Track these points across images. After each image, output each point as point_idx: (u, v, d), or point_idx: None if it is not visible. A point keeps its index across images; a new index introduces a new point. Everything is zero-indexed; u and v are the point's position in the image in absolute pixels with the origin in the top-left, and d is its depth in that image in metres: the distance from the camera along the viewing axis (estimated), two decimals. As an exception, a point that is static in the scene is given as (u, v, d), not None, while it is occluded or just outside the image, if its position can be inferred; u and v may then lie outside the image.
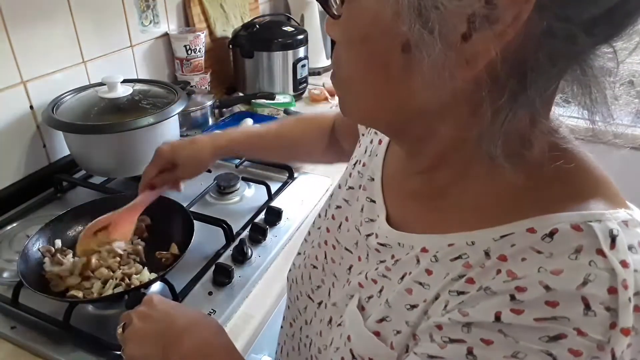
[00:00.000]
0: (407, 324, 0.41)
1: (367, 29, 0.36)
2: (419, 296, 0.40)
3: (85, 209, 0.88)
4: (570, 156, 0.38)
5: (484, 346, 0.34)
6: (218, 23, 1.54)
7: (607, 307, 0.31)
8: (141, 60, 1.30)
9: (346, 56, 0.40)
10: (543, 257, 0.34)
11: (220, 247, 0.89)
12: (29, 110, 1.03)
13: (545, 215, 0.35)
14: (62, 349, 0.69)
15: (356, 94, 0.42)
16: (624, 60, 0.33)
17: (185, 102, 1.06)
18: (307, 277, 0.58)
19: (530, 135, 0.35)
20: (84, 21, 1.10)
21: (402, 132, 0.43)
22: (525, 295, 0.33)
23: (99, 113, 0.99)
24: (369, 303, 0.46)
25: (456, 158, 0.40)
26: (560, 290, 0.32)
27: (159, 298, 0.58)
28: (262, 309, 0.80)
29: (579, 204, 0.35)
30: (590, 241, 0.33)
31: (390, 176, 0.51)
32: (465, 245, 0.38)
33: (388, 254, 0.46)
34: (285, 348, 0.63)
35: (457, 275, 0.38)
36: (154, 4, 1.30)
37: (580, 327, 0.31)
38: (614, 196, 0.37)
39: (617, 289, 0.31)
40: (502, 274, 0.35)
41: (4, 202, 1.00)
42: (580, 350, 0.31)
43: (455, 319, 0.36)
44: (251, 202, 1.04)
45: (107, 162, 1.03)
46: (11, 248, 0.89)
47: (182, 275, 0.81)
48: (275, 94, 1.45)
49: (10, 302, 0.75)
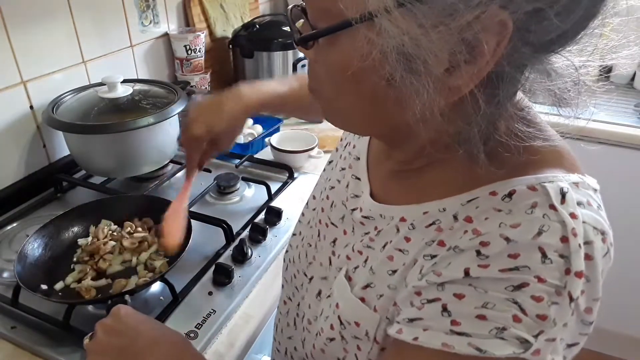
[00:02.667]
0: (389, 288, 0.44)
1: (351, 69, 0.37)
2: (398, 262, 0.44)
3: (84, 208, 0.88)
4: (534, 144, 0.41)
5: (456, 300, 0.37)
6: (218, 23, 1.54)
7: (561, 254, 0.34)
8: (141, 60, 1.30)
9: (329, 85, 0.42)
10: (503, 214, 0.37)
11: (220, 247, 0.89)
12: (29, 110, 1.03)
13: (505, 180, 0.39)
14: (62, 349, 0.70)
15: (338, 112, 0.44)
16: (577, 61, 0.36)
17: (185, 102, 1.06)
18: (304, 255, 0.60)
19: (499, 129, 0.39)
20: (84, 21, 1.10)
21: (385, 137, 0.48)
22: (489, 249, 0.36)
23: (99, 113, 0.99)
24: (355, 273, 0.49)
25: (433, 150, 0.43)
26: (520, 241, 0.35)
27: (127, 311, 0.57)
28: (262, 309, 0.80)
29: (537, 171, 0.39)
30: (543, 198, 0.37)
31: (374, 156, 0.54)
32: (437, 212, 0.42)
33: (372, 225, 0.49)
34: (280, 325, 0.64)
35: (430, 240, 0.42)
36: (154, 4, 1.30)
37: (539, 275, 0.34)
38: (570, 165, 0.41)
39: (568, 237, 0.35)
40: (468, 233, 0.38)
41: (4, 202, 1.00)
42: (542, 296, 0.34)
43: (432, 280, 0.39)
44: (251, 202, 1.04)
45: (107, 162, 1.03)
46: (11, 248, 0.89)
47: (182, 275, 0.81)
48: (275, 94, 1.45)
49: (10, 302, 0.75)
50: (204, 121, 0.71)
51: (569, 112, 0.39)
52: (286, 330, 0.62)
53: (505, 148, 0.39)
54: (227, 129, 0.73)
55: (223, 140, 0.75)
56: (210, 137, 0.72)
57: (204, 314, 0.75)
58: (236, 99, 0.73)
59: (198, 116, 0.72)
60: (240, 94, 0.74)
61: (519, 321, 0.34)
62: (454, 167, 0.43)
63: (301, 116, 0.99)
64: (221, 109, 0.72)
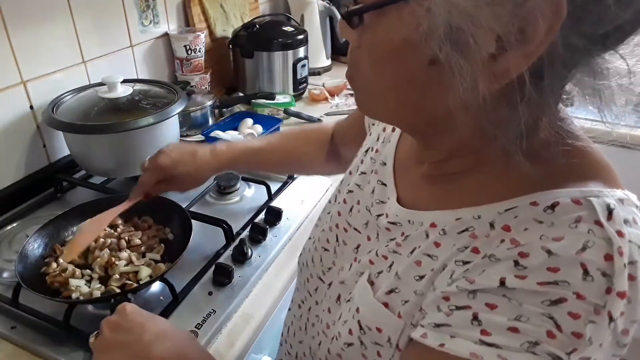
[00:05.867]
0: (415, 293, 0.42)
1: (396, 49, 0.37)
2: (427, 267, 0.42)
3: (84, 208, 0.88)
4: (575, 144, 0.40)
5: (488, 310, 0.35)
6: (218, 23, 1.54)
7: (604, 272, 0.33)
8: (141, 60, 1.30)
9: (370, 68, 0.41)
10: (545, 226, 0.36)
11: (220, 247, 0.89)
12: (29, 110, 1.03)
13: (547, 191, 0.37)
14: (62, 349, 0.69)
15: (378, 98, 0.43)
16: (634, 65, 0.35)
17: (185, 102, 1.06)
18: (318, 259, 0.60)
19: (540, 126, 0.37)
20: (84, 21, 1.10)
21: (421, 131, 0.45)
22: (528, 260, 0.35)
23: (99, 113, 0.99)
24: (379, 278, 0.48)
25: (469, 150, 0.42)
26: (562, 256, 0.33)
27: (132, 308, 0.57)
28: (262, 309, 0.80)
29: (579, 183, 0.37)
30: (589, 213, 0.35)
31: (402, 161, 0.53)
32: (472, 219, 0.40)
33: (398, 231, 0.48)
34: (292, 328, 0.64)
35: (463, 246, 0.40)
36: (154, 4, 1.30)
37: (579, 291, 0.33)
38: (613, 180, 0.39)
39: (612, 256, 0.33)
40: (505, 242, 0.37)
41: (4, 202, 1.00)
42: (579, 313, 0.33)
43: (462, 287, 0.37)
44: (251, 202, 1.04)
45: (107, 162, 1.03)
46: (11, 248, 0.89)
47: (182, 275, 0.81)
48: (275, 94, 1.45)
49: (10, 302, 0.75)
50: (174, 157, 0.76)
51: (612, 117, 0.37)
52: (298, 333, 0.62)
53: (545, 147, 0.38)
54: (190, 174, 0.77)
55: (181, 182, 0.78)
56: (171, 173, 0.76)
57: (204, 314, 0.75)
58: (210, 154, 0.78)
59: (170, 151, 0.77)
60: (215, 150, 0.79)
61: (553, 337, 0.33)
62: (490, 175, 0.42)
63: (276, 171, 1.03)
64: (194, 156, 0.77)
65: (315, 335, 0.56)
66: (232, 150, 0.80)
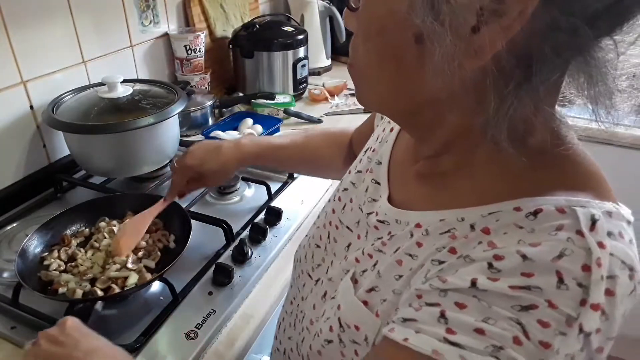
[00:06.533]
0: (393, 292, 0.43)
1: (383, 21, 0.38)
2: (406, 266, 0.43)
3: (84, 208, 0.88)
4: (569, 147, 0.39)
5: (457, 310, 0.35)
6: (218, 23, 1.54)
7: (580, 283, 0.32)
8: (141, 60, 1.30)
9: (362, 47, 0.42)
10: (524, 231, 0.35)
11: (220, 247, 0.89)
12: (29, 110, 1.03)
13: (533, 197, 0.37)
14: (62, 349, 0.69)
15: (371, 83, 0.44)
16: (624, 52, 0.34)
17: (185, 102, 1.06)
18: (310, 256, 0.60)
19: (533, 121, 0.37)
20: (84, 21, 1.10)
21: (413, 120, 0.45)
22: (502, 263, 0.34)
23: (99, 113, 0.99)
24: (363, 276, 0.48)
25: (461, 145, 0.43)
26: (537, 261, 0.33)
27: (73, 323, 0.56)
28: (262, 309, 0.80)
29: (568, 193, 0.37)
30: (571, 222, 0.34)
31: (397, 161, 0.54)
32: (455, 220, 0.40)
33: (385, 230, 0.48)
34: (283, 324, 0.65)
35: (441, 246, 0.40)
36: (154, 4, 1.30)
37: (551, 299, 0.32)
38: (605, 192, 0.38)
39: (590, 267, 0.32)
40: (482, 244, 0.37)
41: (4, 202, 1.00)
42: (549, 323, 0.32)
43: (435, 285, 0.37)
44: (251, 202, 1.04)
45: (107, 162, 1.03)
46: (11, 248, 0.89)
47: (182, 275, 0.81)
48: (275, 94, 1.46)
49: (10, 302, 0.75)
50: (199, 156, 0.80)
51: (608, 116, 0.36)
52: (288, 329, 0.62)
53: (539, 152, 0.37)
54: (216, 170, 0.81)
55: (210, 178, 0.82)
56: (199, 171, 0.80)
57: (204, 314, 0.75)
58: (234, 147, 0.81)
59: (195, 150, 0.81)
60: (239, 144, 0.82)
61: (519, 344, 0.32)
62: (479, 178, 0.42)
63: (296, 170, 1.03)
64: (218, 152, 0.81)
65: (300, 332, 0.57)
66: (257, 146, 0.83)
